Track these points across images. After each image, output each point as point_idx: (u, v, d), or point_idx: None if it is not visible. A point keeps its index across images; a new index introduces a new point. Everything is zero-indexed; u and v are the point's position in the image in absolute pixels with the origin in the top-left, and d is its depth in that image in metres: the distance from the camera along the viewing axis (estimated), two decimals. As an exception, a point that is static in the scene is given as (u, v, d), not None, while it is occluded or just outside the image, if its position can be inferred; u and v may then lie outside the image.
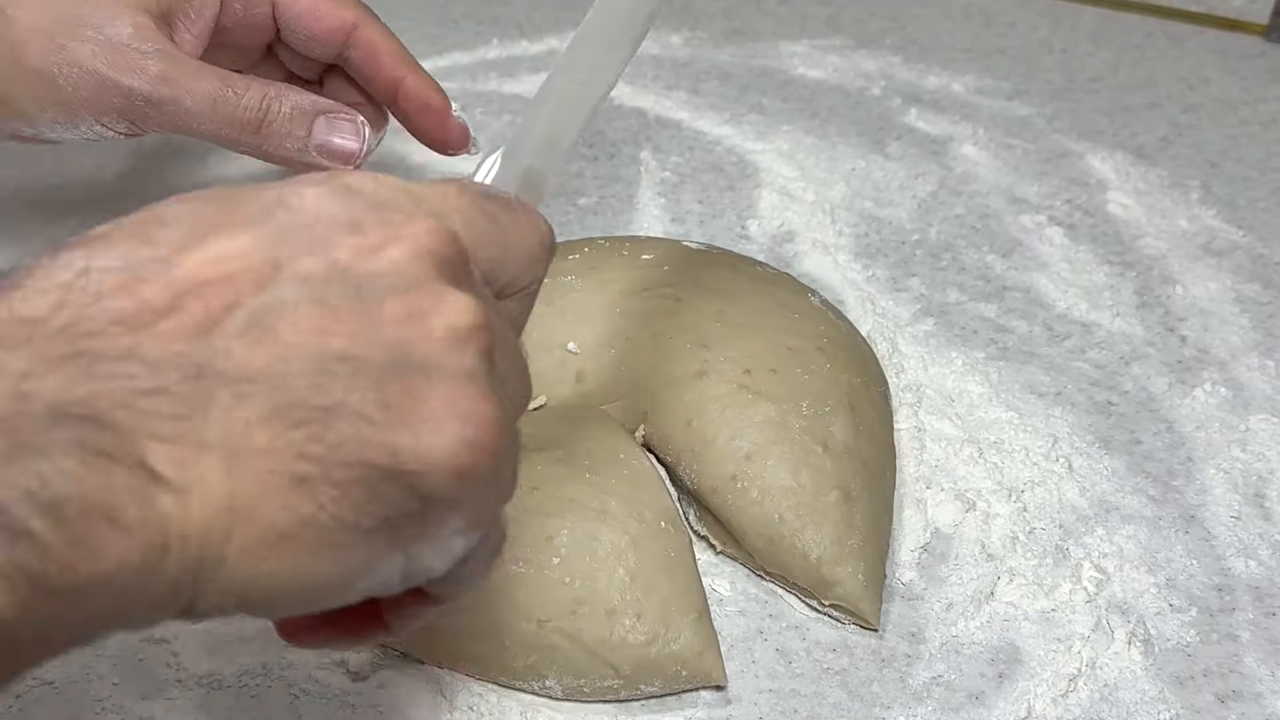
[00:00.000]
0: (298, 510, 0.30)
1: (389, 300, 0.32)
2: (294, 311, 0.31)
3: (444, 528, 0.32)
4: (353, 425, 0.30)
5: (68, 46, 0.52)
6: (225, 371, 0.30)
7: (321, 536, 0.30)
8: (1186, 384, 0.61)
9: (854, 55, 0.83)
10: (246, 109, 0.54)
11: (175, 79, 0.53)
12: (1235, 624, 0.51)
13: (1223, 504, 0.55)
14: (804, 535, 0.50)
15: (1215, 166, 0.74)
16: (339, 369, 0.30)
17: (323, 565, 0.31)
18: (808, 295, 0.60)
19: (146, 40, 0.53)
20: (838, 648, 0.50)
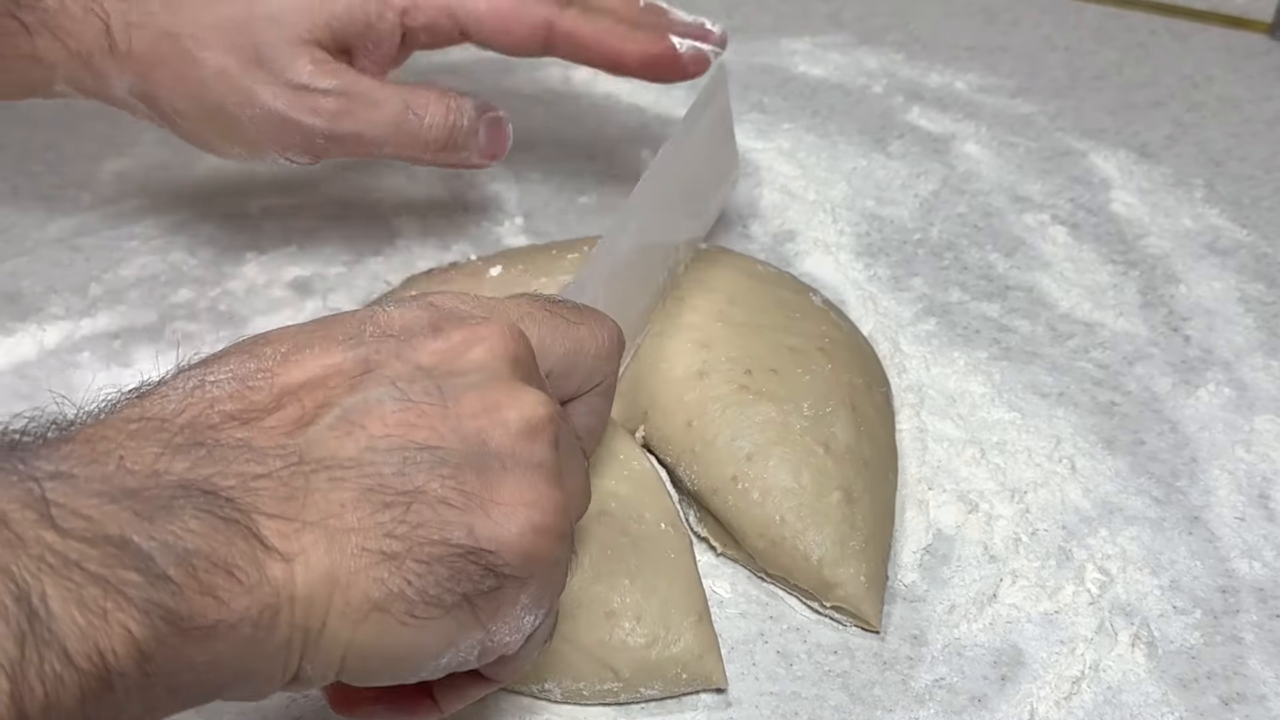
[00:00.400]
0: (387, 584, 0.34)
1: (466, 396, 0.37)
2: (380, 408, 0.36)
3: (516, 605, 0.37)
4: (433, 509, 0.35)
5: (251, 89, 0.54)
6: (321, 460, 0.34)
7: (409, 609, 0.34)
8: (1190, 384, 0.61)
9: (856, 52, 0.83)
10: (431, 129, 0.56)
11: (354, 113, 0.55)
12: (1239, 626, 0.50)
13: (1227, 505, 0.55)
14: (805, 537, 0.50)
15: (1219, 165, 0.74)
16: (422, 458, 0.35)
17: (410, 636, 0.35)
18: (809, 294, 0.60)
19: (326, 77, 0.54)
20: (839, 650, 0.50)
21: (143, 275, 0.65)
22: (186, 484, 0.32)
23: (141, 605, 0.29)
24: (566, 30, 0.57)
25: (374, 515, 0.34)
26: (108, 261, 0.65)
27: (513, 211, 0.70)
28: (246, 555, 0.32)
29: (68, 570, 0.29)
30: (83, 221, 0.68)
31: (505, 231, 0.68)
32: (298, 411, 0.35)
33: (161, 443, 0.33)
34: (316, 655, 0.34)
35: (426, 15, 0.56)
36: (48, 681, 0.27)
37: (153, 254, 0.66)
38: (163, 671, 0.30)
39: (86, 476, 0.31)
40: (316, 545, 0.33)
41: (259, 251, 0.66)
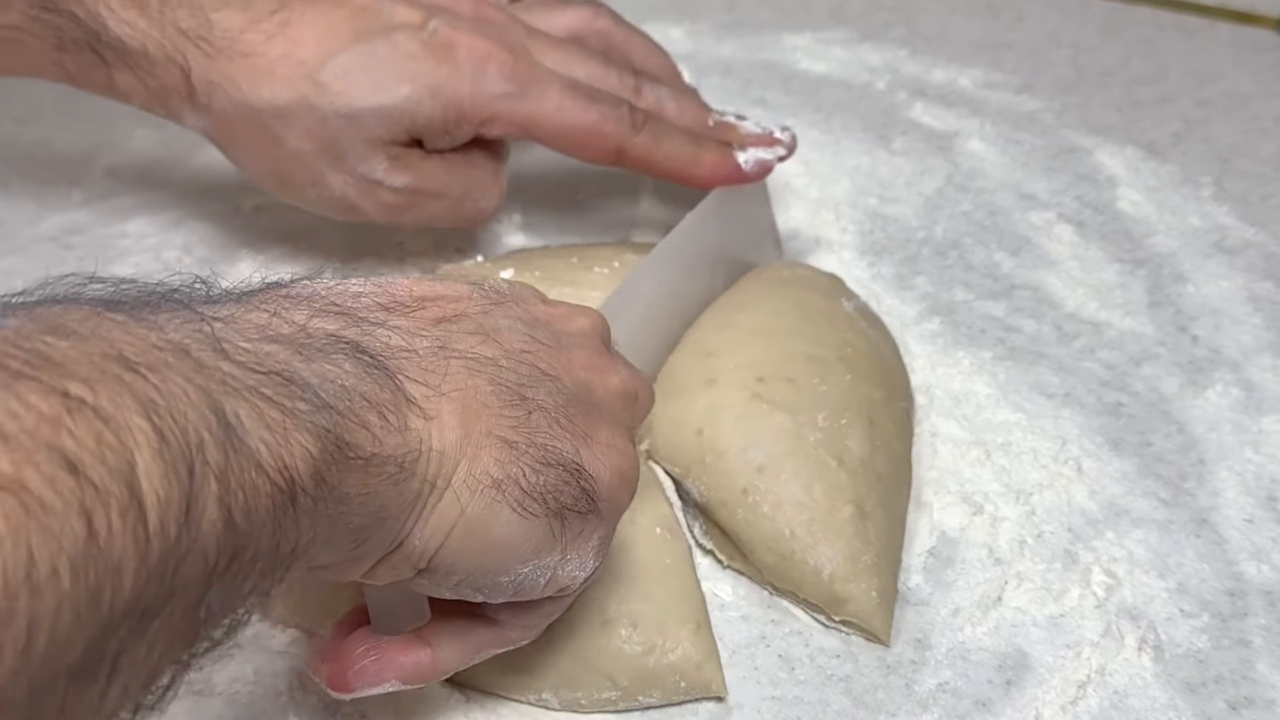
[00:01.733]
0: (507, 467, 0.38)
1: (576, 352, 0.43)
2: (510, 332, 0.41)
3: (590, 540, 0.41)
4: (548, 423, 0.39)
5: (323, 174, 0.57)
6: (460, 350, 0.39)
7: (520, 498, 0.38)
8: (1198, 385, 0.61)
9: (859, 48, 0.83)
10: (484, 212, 0.61)
11: (416, 206, 0.59)
12: (1247, 629, 0.50)
13: (1235, 507, 0.55)
14: (816, 551, 0.50)
15: (1227, 162, 0.74)
16: (542, 380, 0.40)
17: (514, 525, 0.38)
18: (842, 300, 0.60)
19: (399, 176, 0.57)
20: (842, 654, 0.50)
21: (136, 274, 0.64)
22: (335, 337, 0.35)
23: (312, 430, 0.32)
24: (637, 156, 0.59)
25: (502, 407, 0.38)
26: (101, 260, 0.65)
27: (510, 209, 0.70)
28: (393, 404, 0.35)
29: (249, 395, 0.31)
30: (75, 219, 0.68)
31: (503, 230, 0.69)
32: (438, 312, 0.40)
33: (311, 308, 0.36)
34: (430, 519, 0.37)
35: (501, 129, 0.58)
36: (246, 489, 0.30)
37: (146, 252, 0.66)
38: (331, 495, 0.33)
39: (244, 324, 0.34)
40: (452, 414, 0.37)
41: (254, 250, 0.66)
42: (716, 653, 0.48)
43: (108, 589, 0.26)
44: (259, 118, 0.55)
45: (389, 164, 0.57)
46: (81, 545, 0.25)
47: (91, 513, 0.26)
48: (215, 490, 0.29)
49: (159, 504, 0.27)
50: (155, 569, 0.27)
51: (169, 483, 0.28)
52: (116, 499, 0.26)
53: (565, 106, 0.57)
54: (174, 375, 0.29)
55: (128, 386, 0.28)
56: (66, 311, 0.30)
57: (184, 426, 0.29)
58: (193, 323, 0.32)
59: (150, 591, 0.27)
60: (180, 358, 0.30)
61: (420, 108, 0.56)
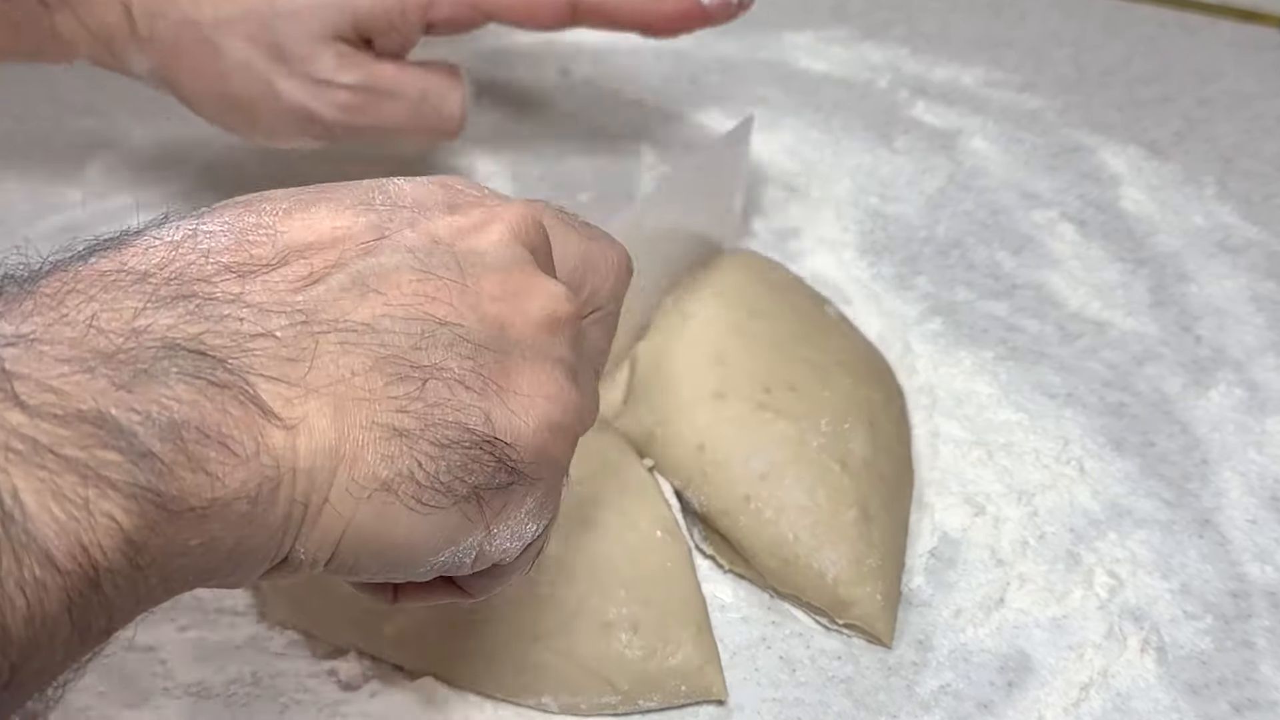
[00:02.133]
0: (396, 463, 0.32)
1: (487, 277, 0.35)
2: (397, 275, 0.33)
3: (521, 508, 0.35)
4: (450, 389, 0.33)
5: (271, 81, 0.55)
6: (332, 321, 0.32)
7: (417, 494, 0.32)
8: (1201, 384, 0.61)
9: (860, 47, 0.83)
10: (448, 119, 0.58)
11: (373, 106, 0.57)
12: (1251, 631, 0.50)
13: (1239, 508, 0.55)
14: (820, 555, 0.50)
15: (1230, 161, 0.74)
16: (440, 333, 0.33)
17: (414, 524, 0.32)
18: (823, 305, 0.60)
19: (348, 72, 0.56)
20: (843, 656, 0.50)
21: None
22: (171, 344, 0.29)
23: (126, 490, 0.27)
24: (591, 5, 0.58)
25: (387, 387, 0.32)
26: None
27: (510, 208, 0.70)
28: (242, 423, 0.29)
29: (39, 456, 0.26)
30: (71, 217, 0.68)
31: (502, 229, 0.68)
32: (305, 270, 0.33)
33: (143, 295, 0.30)
34: (312, 535, 0.32)
35: (449, 8, 0.57)
36: (28, 589, 0.25)
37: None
38: (154, 561, 0.28)
39: (53, 340, 0.28)
40: (322, 413, 0.31)
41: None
42: (717, 656, 0.48)
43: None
44: (201, 33, 0.55)
45: (338, 61, 0.55)
46: None
47: None
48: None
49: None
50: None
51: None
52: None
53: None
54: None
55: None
56: None
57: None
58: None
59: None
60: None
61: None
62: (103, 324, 0.29)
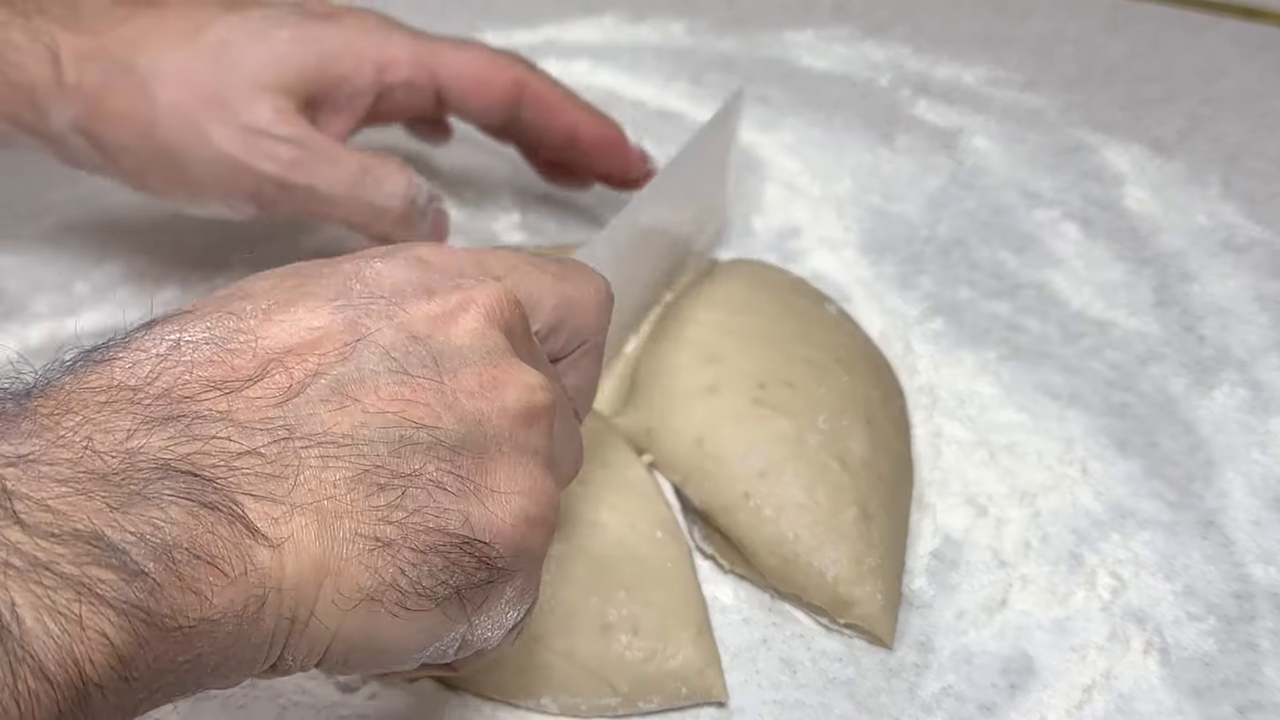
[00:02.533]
0: (381, 574, 0.33)
1: (463, 372, 0.36)
2: (375, 380, 0.34)
3: (501, 599, 0.36)
4: (429, 494, 0.34)
5: (203, 128, 0.53)
6: (314, 435, 0.33)
7: (401, 600, 0.33)
8: (1205, 385, 0.60)
9: (861, 45, 0.83)
10: (391, 198, 0.55)
11: (310, 166, 0.54)
12: (1255, 633, 0.50)
13: (1242, 509, 0.55)
14: (820, 554, 0.50)
15: (1235, 160, 0.74)
16: (419, 438, 0.34)
17: (398, 628, 0.34)
18: (823, 304, 0.60)
19: (285, 126, 0.54)
20: (844, 657, 0.50)
21: (129, 273, 0.65)
22: (163, 465, 0.30)
23: (118, 607, 0.28)
24: (536, 91, 0.59)
25: (369, 499, 0.33)
26: (93, 257, 0.65)
27: (509, 208, 0.70)
28: (230, 543, 0.31)
29: (37, 573, 0.27)
30: (67, 216, 0.68)
31: (501, 229, 0.68)
32: (285, 380, 0.34)
33: (134, 417, 0.31)
34: (300, 645, 0.33)
35: (405, 72, 0.56)
36: (22, 700, 0.26)
37: (138, 250, 0.66)
38: (142, 676, 0.29)
39: (51, 461, 0.29)
40: (307, 530, 0.32)
41: (248, 247, 0.66)
42: (718, 657, 0.48)
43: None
44: (133, 78, 0.53)
45: (275, 114, 0.53)
46: None
47: None
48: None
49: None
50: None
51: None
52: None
53: (466, 44, 0.58)
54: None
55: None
56: None
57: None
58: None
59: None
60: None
61: (310, 47, 0.54)
62: (98, 445, 0.30)
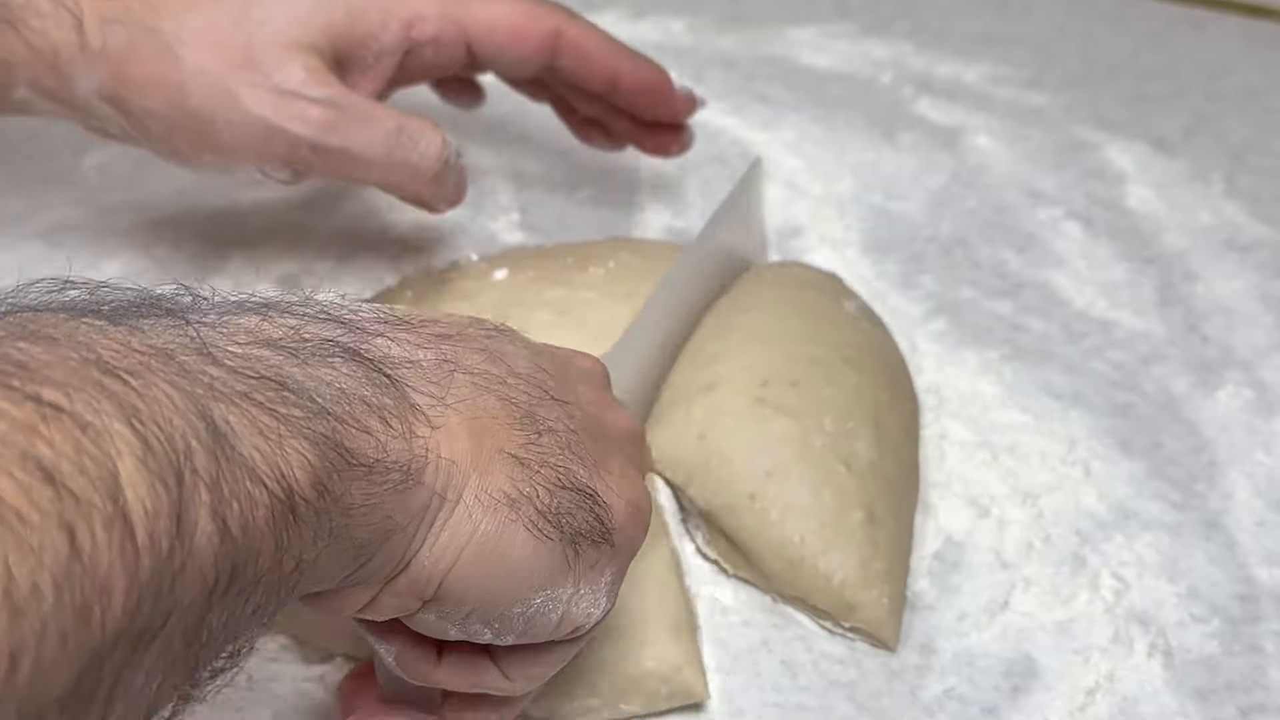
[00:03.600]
0: (521, 485, 0.36)
1: (582, 386, 0.41)
2: (515, 357, 0.39)
3: (604, 575, 0.39)
4: (559, 447, 0.38)
5: (234, 91, 0.52)
6: (466, 366, 0.37)
7: (535, 519, 0.36)
8: (1209, 385, 0.61)
9: (863, 42, 0.83)
10: (425, 157, 0.54)
11: (344, 126, 0.53)
12: (1259, 635, 0.50)
13: (1246, 510, 0.55)
14: (827, 557, 0.50)
15: (1239, 158, 0.74)
16: (552, 404, 0.38)
17: (528, 548, 0.36)
18: (842, 300, 0.60)
19: (317, 86, 0.53)
20: (845, 660, 0.50)
21: (126, 271, 0.65)
22: (332, 343, 0.34)
23: (310, 437, 0.31)
24: (574, 39, 0.57)
25: (510, 426, 0.37)
26: (90, 257, 0.65)
27: (508, 207, 0.70)
28: (396, 409, 0.34)
29: (239, 401, 0.30)
30: (64, 215, 0.68)
31: (500, 228, 0.68)
32: (440, 330, 0.38)
33: (300, 316, 0.34)
34: (440, 536, 0.35)
35: (434, 27, 0.55)
36: (241, 499, 0.28)
37: (136, 249, 0.66)
38: (334, 506, 0.31)
39: (235, 326, 0.33)
40: (460, 426, 0.35)
41: (245, 246, 0.66)
42: (699, 655, 0.48)
43: (96, 608, 0.24)
44: (159, 40, 0.52)
45: (307, 74, 0.52)
46: (64, 560, 0.24)
47: (73, 525, 0.24)
48: (207, 500, 0.27)
49: (146, 516, 0.26)
50: (148, 586, 0.26)
51: (156, 493, 0.26)
52: (99, 510, 0.25)
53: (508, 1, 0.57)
54: (157, 380, 0.28)
55: (107, 392, 0.27)
56: (40, 317, 0.29)
57: (170, 434, 0.27)
58: (177, 327, 0.31)
59: (144, 611, 0.26)
60: (164, 362, 0.29)
61: (335, 4, 0.53)
62: (268, 329, 0.33)
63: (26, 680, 0.23)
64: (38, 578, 0.23)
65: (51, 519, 0.24)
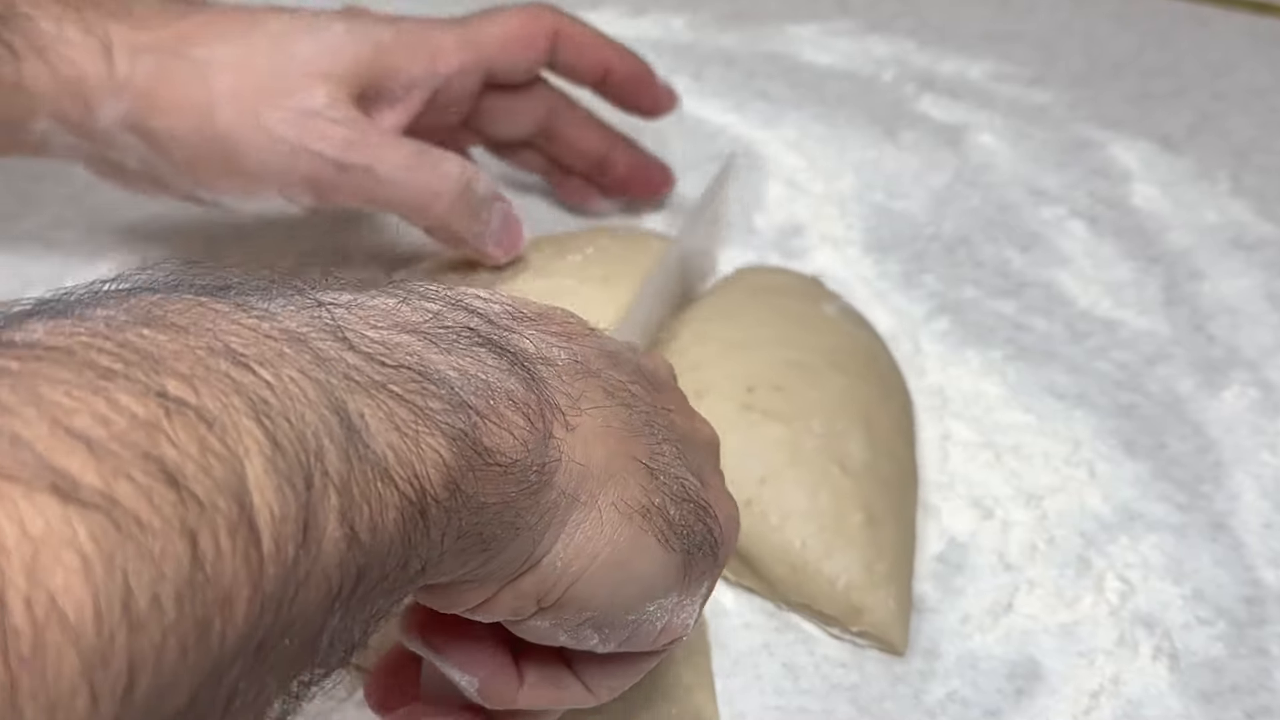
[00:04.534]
0: (653, 496, 0.36)
1: (667, 394, 0.40)
2: (619, 359, 0.38)
3: (703, 586, 0.39)
4: (675, 458, 0.37)
5: (260, 113, 0.53)
6: (597, 371, 0.36)
7: (664, 530, 0.36)
8: (1215, 385, 0.61)
9: (865, 39, 0.83)
10: (445, 179, 0.55)
11: (367, 147, 0.54)
12: (1265, 637, 0.50)
13: (1252, 511, 0.55)
14: (831, 561, 0.50)
15: (1244, 156, 0.74)
16: (661, 413, 0.38)
17: (656, 557, 0.36)
18: (820, 304, 0.60)
19: (340, 109, 0.54)
20: (848, 663, 0.50)
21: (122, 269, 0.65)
22: (470, 330, 0.33)
23: (448, 433, 0.30)
24: (570, 33, 0.60)
25: (637, 435, 0.36)
26: (85, 257, 0.65)
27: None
28: (538, 407, 0.33)
29: (375, 392, 0.28)
30: (58, 215, 0.68)
31: (499, 226, 0.68)
32: (563, 329, 0.37)
33: (438, 302, 0.33)
34: (574, 538, 0.34)
35: (455, 59, 0.57)
36: (372, 502, 0.27)
37: (131, 250, 0.66)
38: (464, 506, 0.30)
39: (372, 308, 0.31)
40: (594, 431, 0.35)
41: (241, 243, 0.66)
42: (711, 680, 0.48)
43: (217, 621, 0.23)
44: (189, 67, 0.53)
45: (329, 99, 0.54)
46: (186, 570, 0.23)
47: (196, 532, 0.23)
48: (337, 504, 0.26)
49: (273, 521, 0.24)
50: (271, 596, 0.24)
51: (284, 497, 0.25)
52: (225, 516, 0.24)
53: (497, 12, 0.60)
54: (289, 369, 0.27)
55: (236, 384, 0.25)
56: (164, 301, 0.27)
57: (301, 431, 0.26)
58: (310, 309, 0.30)
59: (266, 622, 0.25)
60: (297, 349, 0.27)
61: (365, 38, 0.55)
62: (409, 310, 0.32)
63: (143, 697, 0.22)
64: (158, 589, 0.22)
65: (174, 525, 0.23)
